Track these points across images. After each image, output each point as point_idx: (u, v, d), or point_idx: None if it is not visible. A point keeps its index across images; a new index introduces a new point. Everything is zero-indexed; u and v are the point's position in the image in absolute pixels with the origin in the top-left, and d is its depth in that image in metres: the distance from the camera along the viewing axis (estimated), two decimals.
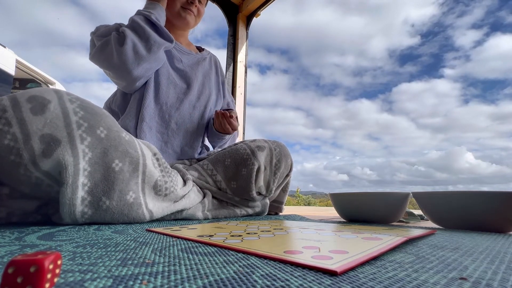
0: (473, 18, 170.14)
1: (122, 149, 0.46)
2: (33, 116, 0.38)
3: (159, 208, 0.51)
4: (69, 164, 0.40)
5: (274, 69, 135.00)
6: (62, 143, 0.40)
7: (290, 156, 0.78)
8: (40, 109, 0.39)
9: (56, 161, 0.39)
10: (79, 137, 0.41)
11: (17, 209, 0.44)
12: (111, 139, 0.45)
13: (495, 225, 0.47)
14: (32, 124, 0.38)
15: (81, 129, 0.42)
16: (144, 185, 0.49)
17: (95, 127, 0.43)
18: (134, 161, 0.47)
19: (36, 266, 0.12)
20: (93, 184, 0.42)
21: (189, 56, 0.86)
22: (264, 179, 0.72)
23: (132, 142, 0.48)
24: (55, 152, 0.39)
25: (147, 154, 0.51)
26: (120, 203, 0.45)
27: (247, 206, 0.71)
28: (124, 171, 0.45)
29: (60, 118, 0.40)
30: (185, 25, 0.84)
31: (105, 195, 0.43)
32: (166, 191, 0.53)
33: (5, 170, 0.38)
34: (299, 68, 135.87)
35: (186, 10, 0.82)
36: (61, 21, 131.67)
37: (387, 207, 0.60)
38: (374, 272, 0.18)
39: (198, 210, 0.61)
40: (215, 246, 0.27)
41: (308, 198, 25.11)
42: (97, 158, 0.43)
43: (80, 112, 0.43)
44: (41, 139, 0.38)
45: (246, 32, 1.73)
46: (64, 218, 0.41)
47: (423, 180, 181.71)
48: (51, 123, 0.39)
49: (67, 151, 0.40)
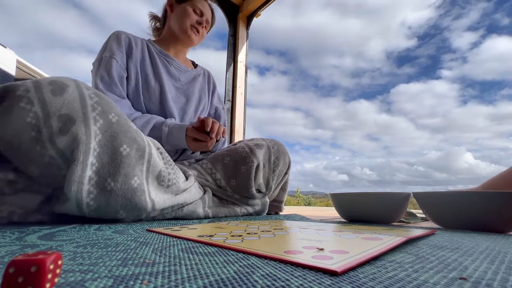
0: (469, 21, 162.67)
1: (130, 135, 0.48)
2: (53, 97, 0.41)
3: (161, 199, 0.52)
4: (81, 142, 0.42)
5: (273, 71, 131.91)
6: (77, 122, 0.42)
7: (288, 154, 0.79)
8: (60, 91, 0.42)
9: (71, 137, 0.42)
10: (93, 118, 0.44)
11: (19, 207, 0.44)
12: (121, 125, 0.47)
13: (495, 225, 0.46)
14: (52, 104, 0.41)
15: (95, 111, 0.45)
16: (148, 173, 0.50)
17: (107, 112, 0.46)
18: (141, 149, 0.49)
19: (37, 266, 0.12)
20: (100, 164, 0.44)
21: (186, 74, 0.91)
22: (263, 177, 0.73)
23: (139, 132, 0.51)
24: (70, 130, 0.42)
25: (153, 146, 0.53)
26: (124, 187, 0.46)
27: (247, 204, 0.72)
28: (131, 156, 0.47)
29: (77, 100, 0.43)
30: (189, 43, 0.89)
31: (110, 176, 0.45)
32: (169, 182, 0.55)
33: (24, 146, 0.40)
34: (298, 70, 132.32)
35: (194, 30, 0.86)
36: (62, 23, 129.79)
37: (387, 207, 0.60)
38: (374, 272, 0.18)
39: (199, 206, 0.62)
40: (216, 246, 0.27)
41: (308, 198, 25.11)
42: (106, 141, 0.45)
43: (95, 98, 0.46)
44: (59, 118, 0.41)
45: (246, 32, 1.73)
46: (70, 198, 0.42)
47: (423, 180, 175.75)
48: (68, 104, 0.42)
49: (81, 130, 0.43)
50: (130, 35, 0.81)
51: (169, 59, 0.86)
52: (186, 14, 0.85)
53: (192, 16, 0.85)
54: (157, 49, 0.85)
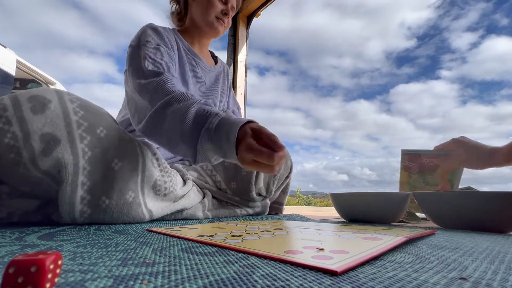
0: (468, 21, 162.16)
1: (121, 148, 0.46)
2: (33, 115, 0.39)
3: (158, 208, 0.51)
4: (68, 162, 0.40)
5: (273, 71, 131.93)
6: (62, 142, 0.40)
7: (290, 158, 0.78)
8: (41, 108, 0.39)
9: (55, 159, 0.39)
10: (78, 136, 0.42)
11: (18, 209, 0.44)
12: (110, 138, 0.45)
13: (495, 225, 0.46)
14: (32, 123, 0.38)
15: (81, 128, 0.42)
16: (143, 184, 0.49)
17: (95, 127, 0.44)
18: (133, 160, 0.47)
19: (37, 266, 0.12)
20: (92, 183, 0.43)
21: (210, 74, 0.84)
22: (264, 180, 0.72)
23: (132, 142, 0.49)
24: (54, 151, 0.39)
25: (147, 154, 0.51)
26: (120, 202, 0.45)
27: (247, 206, 0.72)
28: (123, 169, 0.46)
29: (60, 117, 0.41)
30: (215, 35, 0.81)
31: (104, 194, 0.43)
32: (166, 191, 0.53)
33: (5, 168, 0.38)
34: (298, 70, 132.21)
35: (219, 21, 0.78)
36: (62, 23, 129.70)
37: (387, 207, 0.60)
38: (374, 272, 0.18)
39: (198, 210, 0.61)
40: (216, 246, 0.27)
41: (308, 198, 25.11)
42: (97, 157, 0.43)
43: (80, 112, 0.43)
44: (41, 138, 0.39)
45: (246, 32, 1.73)
46: (64, 217, 0.42)
47: None
48: (51, 122, 0.40)
49: (67, 150, 0.40)
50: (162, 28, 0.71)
51: (196, 59, 0.79)
52: (210, 4, 0.75)
53: (217, 6, 0.75)
54: (185, 45, 0.77)
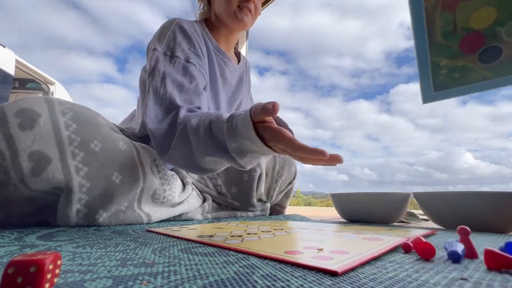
0: None
1: (119, 160, 0.44)
2: (21, 132, 0.36)
3: (156, 212, 0.51)
4: (60, 181, 0.38)
5: (273, 71, 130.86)
6: (53, 161, 0.37)
7: (295, 164, 0.75)
8: (29, 124, 0.36)
9: (46, 180, 0.37)
10: (70, 153, 0.39)
11: (15, 212, 0.43)
12: (106, 152, 0.43)
13: (495, 225, 0.46)
14: (20, 140, 0.36)
15: (73, 144, 0.39)
16: (142, 193, 0.48)
17: (88, 141, 0.41)
18: (133, 171, 0.46)
19: (36, 267, 0.12)
20: (91, 198, 0.41)
21: (235, 74, 0.75)
22: (265, 186, 0.71)
23: (130, 152, 0.47)
24: (45, 171, 0.37)
25: (146, 162, 0.49)
26: (115, 212, 0.44)
27: (247, 210, 0.71)
28: (124, 183, 0.44)
29: (50, 134, 0.38)
30: (242, 28, 0.68)
31: (102, 208, 0.42)
32: (164, 200, 0.52)
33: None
34: (297, 70, 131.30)
35: (243, 10, 0.64)
36: (62, 24, 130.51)
37: (387, 208, 0.60)
38: (374, 273, 0.18)
39: (198, 213, 0.61)
40: (215, 246, 0.27)
41: (309, 199, 25.10)
42: (95, 173, 0.41)
43: (72, 126, 0.40)
44: (30, 157, 0.36)
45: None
46: (59, 223, 0.41)
47: (423, 180, 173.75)
48: (40, 139, 0.37)
49: (58, 169, 0.37)
50: (191, 27, 0.62)
51: (226, 59, 0.70)
52: None
53: None
54: (214, 45, 0.68)
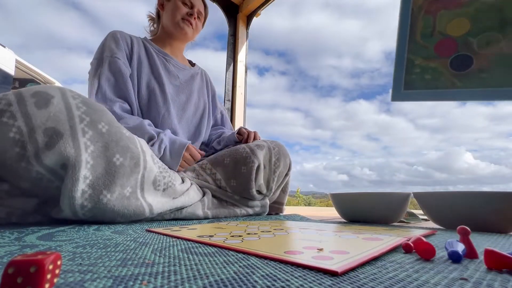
0: None
1: (123, 144, 0.47)
2: (37, 110, 0.39)
3: (158, 203, 0.52)
4: (70, 156, 0.41)
5: (272, 71, 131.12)
6: (64, 136, 0.40)
7: (289, 156, 0.79)
8: (44, 104, 0.40)
9: (57, 153, 0.40)
10: (81, 130, 0.42)
11: (17, 209, 0.44)
12: (112, 134, 0.46)
13: (495, 225, 0.46)
14: (37, 117, 0.39)
15: (83, 123, 0.43)
16: (143, 179, 0.50)
17: (96, 122, 0.44)
18: (135, 156, 0.48)
19: (36, 267, 0.12)
20: (95, 177, 0.43)
21: (184, 72, 0.89)
22: (264, 178, 0.73)
23: (133, 139, 0.50)
24: (57, 145, 0.40)
25: (147, 151, 0.52)
26: (120, 197, 0.45)
27: (247, 205, 0.72)
28: (125, 165, 0.46)
29: (63, 112, 0.41)
30: (183, 36, 0.86)
31: (106, 188, 0.44)
32: (165, 186, 0.54)
33: (8, 163, 0.39)
34: (297, 70, 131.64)
35: (186, 22, 0.84)
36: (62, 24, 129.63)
37: (388, 208, 0.60)
38: (374, 273, 0.18)
39: (198, 208, 0.61)
40: (215, 246, 0.27)
41: (308, 198, 25.11)
42: (99, 152, 0.44)
43: (82, 107, 0.44)
44: (45, 132, 0.39)
45: (246, 32, 1.73)
46: (64, 209, 0.42)
47: (423, 180, 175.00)
48: (54, 117, 0.40)
49: (69, 144, 0.41)
50: (126, 34, 0.80)
51: (167, 57, 0.86)
52: (175, 8, 0.83)
53: (182, 9, 0.84)
54: (155, 47, 0.84)
